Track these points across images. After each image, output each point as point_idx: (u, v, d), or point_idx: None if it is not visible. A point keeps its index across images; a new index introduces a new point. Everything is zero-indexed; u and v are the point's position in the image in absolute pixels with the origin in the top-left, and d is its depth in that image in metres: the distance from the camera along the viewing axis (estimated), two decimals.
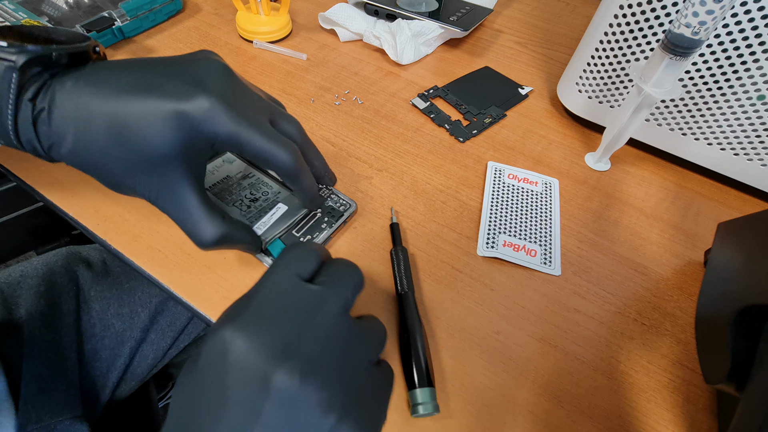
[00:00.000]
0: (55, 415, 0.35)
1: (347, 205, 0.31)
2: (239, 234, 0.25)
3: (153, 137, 0.21)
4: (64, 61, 0.22)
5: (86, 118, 0.21)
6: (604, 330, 0.28)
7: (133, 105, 0.21)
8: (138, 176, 0.22)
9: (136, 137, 0.21)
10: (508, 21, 0.53)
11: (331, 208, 0.31)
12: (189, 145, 0.22)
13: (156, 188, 0.23)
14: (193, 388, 0.17)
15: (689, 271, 0.31)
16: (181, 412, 0.17)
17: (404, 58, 0.44)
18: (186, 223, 0.24)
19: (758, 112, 0.31)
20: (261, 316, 0.18)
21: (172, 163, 0.22)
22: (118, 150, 0.22)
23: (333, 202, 0.32)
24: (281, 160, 0.24)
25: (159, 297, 0.45)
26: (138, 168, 0.22)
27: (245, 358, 0.16)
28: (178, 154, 0.22)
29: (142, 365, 0.44)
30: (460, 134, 0.39)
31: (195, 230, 0.23)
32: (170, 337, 0.46)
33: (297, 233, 0.29)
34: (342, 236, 0.31)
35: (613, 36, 0.33)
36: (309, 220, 0.30)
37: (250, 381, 0.16)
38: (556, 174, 0.36)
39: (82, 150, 0.22)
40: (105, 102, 0.21)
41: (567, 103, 0.39)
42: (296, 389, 0.16)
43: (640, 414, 0.24)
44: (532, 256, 0.30)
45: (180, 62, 0.23)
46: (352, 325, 0.19)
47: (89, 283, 0.43)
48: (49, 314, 0.39)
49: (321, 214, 0.31)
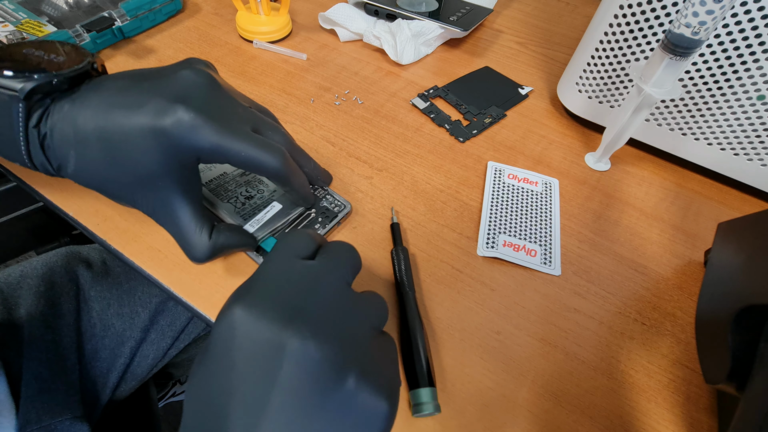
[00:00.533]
0: (55, 416, 0.35)
1: (342, 206, 0.31)
2: (231, 241, 0.26)
3: (139, 156, 0.22)
4: (64, 87, 0.23)
5: (83, 140, 0.22)
6: (605, 330, 0.28)
7: (119, 125, 0.22)
8: (135, 193, 0.24)
9: (124, 157, 0.22)
10: (508, 21, 0.53)
11: (325, 209, 0.31)
12: (174, 160, 0.23)
13: (152, 204, 0.24)
14: (206, 373, 0.17)
15: (689, 271, 0.31)
16: (197, 399, 0.17)
17: (404, 58, 0.44)
18: (179, 241, 0.25)
19: (758, 112, 0.31)
20: (266, 291, 0.18)
21: (162, 179, 0.23)
22: (113, 170, 0.23)
23: (328, 202, 0.31)
24: (269, 165, 0.24)
25: (159, 297, 0.45)
26: (132, 186, 0.23)
27: (255, 328, 0.16)
28: (165, 170, 0.23)
29: (142, 365, 0.44)
30: (460, 134, 0.39)
31: (187, 248, 0.25)
32: (170, 337, 0.46)
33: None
34: (342, 236, 0.31)
35: (613, 36, 0.33)
36: (303, 221, 0.30)
37: (263, 348, 0.16)
38: (556, 174, 0.36)
39: (83, 171, 0.24)
40: (95, 123, 0.22)
41: (567, 103, 0.40)
42: (310, 350, 0.16)
43: (640, 414, 0.24)
44: (532, 256, 0.30)
45: (164, 75, 0.24)
46: (354, 296, 0.19)
47: (89, 283, 0.43)
48: (49, 314, 0.39)
49: (315, 215, 0.31)
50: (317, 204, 0.31)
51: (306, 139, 0.37)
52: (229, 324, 0.17)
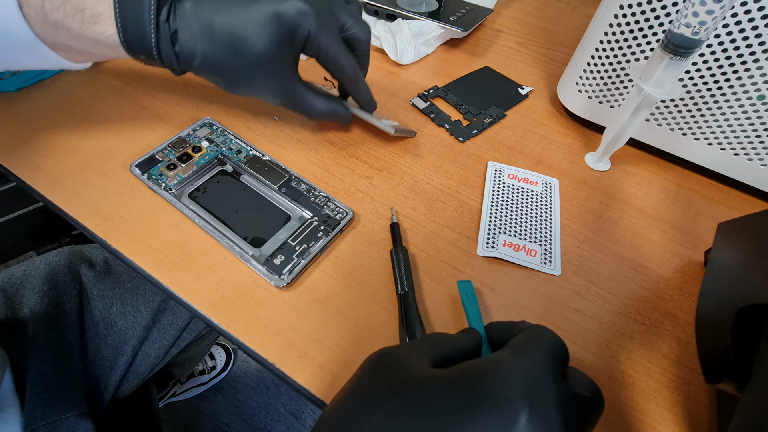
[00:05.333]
0: (60, 413, 0.35)
1: (344, 213, 0.31)
2: (340, 107, 0.33)
3: (262, 38, 0.26)
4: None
5: (209, 34, 0.26)
6: (605, 330, 0.28)
7: (243, 14, 0.26)
8: (257, 76, 0.28)
9: (249, 42, 0.26)
10: (508, 21, 0.53)
11: (327, 217, 0.31)
12: (290, 43, 0.27)
13: (273, 85, 0.29)
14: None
15: (689, 271, 0.31)
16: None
17: (404, 58, 0.44)
18: (301, 103, 0.31)
19: (758, 112, 0.31)
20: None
21: (282, 61, 0.28)
22: (238, 58, 0.27)
23: (330, 210, 0.31)
24: (347, 67, 0.30)
25: (161, 296, 0.45)
26: (254, 69, 0.27)
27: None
28: (285, 52, 0.27)
29: (144, 363, 0.45)
30: (460, 134, 0.39)
31: (310, 105, 0.31)
32: (172, 336, 0.46)
33: (293, 242, 0.29)
34: (342, 237, 0.31)
35: (613, 36, 0.33)
36: (305, 229, 0.30)
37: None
38: (556, 174, 0.36)
39: (209, 62, 0.27)
40: (221, 17, 0.26)
41: (567, 103, 0.40)
42: None
43: (640, 414, 0.24)
44: (532, 256, 0.30)
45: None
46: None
47: (92, 282, 0.43)
48: (53, 313, 0.39)
49: (317, 223, 0.31)
50: (319, 212, 0.31)
51: (306, 139, 0.37)
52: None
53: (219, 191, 0.32)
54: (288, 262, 0.28)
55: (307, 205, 0.32)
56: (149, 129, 0.36)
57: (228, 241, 0.29)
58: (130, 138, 0.35)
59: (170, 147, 0.34)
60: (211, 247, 0.30)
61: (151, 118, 0.37)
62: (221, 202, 0.31)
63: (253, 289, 0.28)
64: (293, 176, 0.33)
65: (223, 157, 0.34)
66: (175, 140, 0.35)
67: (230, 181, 0.33)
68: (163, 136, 0.36)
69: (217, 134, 0.36)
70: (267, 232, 0.30)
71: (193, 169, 0.33)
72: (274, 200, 0.32)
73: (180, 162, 0.33)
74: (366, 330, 0.27)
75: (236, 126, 0.37)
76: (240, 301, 0.27)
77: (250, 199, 0.32)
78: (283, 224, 0.31)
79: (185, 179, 0.32)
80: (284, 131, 0.37)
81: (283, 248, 0.29)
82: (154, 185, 0.32)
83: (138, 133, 0.36)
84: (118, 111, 0.37)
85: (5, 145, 0.34)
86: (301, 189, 0.32)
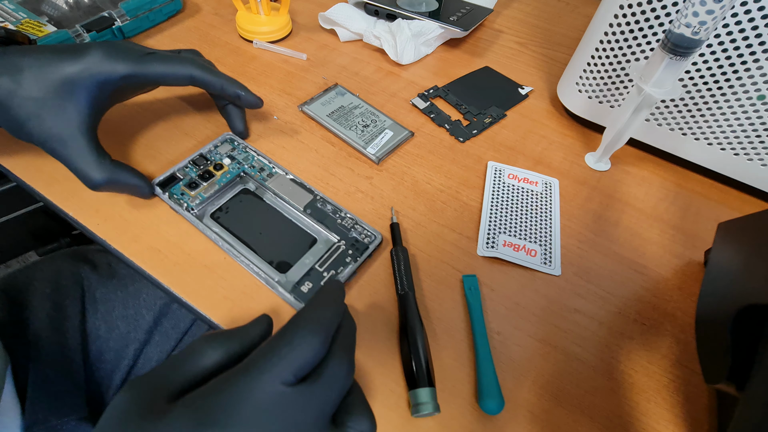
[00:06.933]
0: (61, 416, 0.35)
1: (372, 236, 0.29)
2: (126, 176, 0.28)
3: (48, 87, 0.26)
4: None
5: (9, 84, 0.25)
6: (604, 330, 0.28)
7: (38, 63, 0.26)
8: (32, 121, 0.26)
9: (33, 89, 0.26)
10: (508, 21, 0.53)
11: (355, 240, 0.29)
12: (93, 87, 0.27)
13: (47, 133, 0.26)
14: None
15: (689, 271, 0.31)
16: None
17: (404, 58, 0.44)
18: (76, 165, 0.27)
19: (758, 112, 0.31)
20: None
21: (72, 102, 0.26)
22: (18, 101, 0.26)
23: (357, 233, 0.30)
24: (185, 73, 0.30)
25: (163, 299, 0.45)
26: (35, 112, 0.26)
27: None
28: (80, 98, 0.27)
29: (146, 367, 0.44)
30: (460, 134, 0.39)
31: (85, 171, 0.27)
32: (174, 339, 0.46)
33: (320, 268, 0.28)
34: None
35: (613, 36, 0.33)
36: (332, 254, 0.29)
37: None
38: (556, 174, 0.36)
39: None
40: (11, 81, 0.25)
41: (567, 103, 0.40)
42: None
43: (640, 414, 0.24)
44: (532, 256, 0.30)
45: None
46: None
47: (94, 285, 0.43)
48: (55, 316, 0.39)
49: (345, 247, 0.29)
50: (346, 235, 0.30)
51: (306, 140, 0.37)
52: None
53: (242, 212, 0.31)
54: (315, 289, 0.27)
55: (334, 228, 0.30)
56: (149, 128, 0.36)
57: (253, 265, 0.28)
58: (135, 140, 0.35)
59: (191, 164, 0.33)
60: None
61: (150, 119, 0.37)
62: (244, 223, 0.30)
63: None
64: (318, 196, 0.32)
65: (245, 175, 0.33)
66: (196, 157, 0.33)
67: (253, 201, 0.31)
68: (167, 143, 0.36)
69: (239, 150, 0.34)
70: (292, 256, 0.29)
71: (216, 188, 0.31)
72: (299, 222, 0.30)
73: (202, 180, 0.32)
74: (366, 330, 0.27)
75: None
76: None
77: (274, 220, 0.30)
78: (308, 247, 0.29)
79: (207, 198, 0.31)
80: (284, 131, 0.37)
81: (310, 274, 0.28)
82: (176, 205, 0.30)
83: (138, 132, 0.36)
84: (121, 112, 0.37)
85: (5, 145, 0.34)
86: (327, 210, 0.31)
